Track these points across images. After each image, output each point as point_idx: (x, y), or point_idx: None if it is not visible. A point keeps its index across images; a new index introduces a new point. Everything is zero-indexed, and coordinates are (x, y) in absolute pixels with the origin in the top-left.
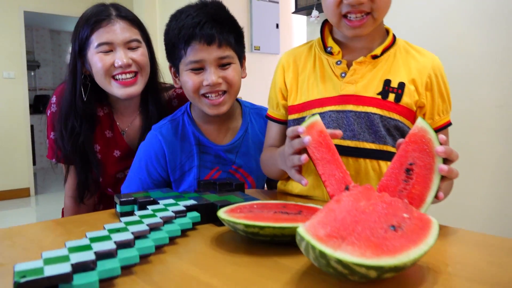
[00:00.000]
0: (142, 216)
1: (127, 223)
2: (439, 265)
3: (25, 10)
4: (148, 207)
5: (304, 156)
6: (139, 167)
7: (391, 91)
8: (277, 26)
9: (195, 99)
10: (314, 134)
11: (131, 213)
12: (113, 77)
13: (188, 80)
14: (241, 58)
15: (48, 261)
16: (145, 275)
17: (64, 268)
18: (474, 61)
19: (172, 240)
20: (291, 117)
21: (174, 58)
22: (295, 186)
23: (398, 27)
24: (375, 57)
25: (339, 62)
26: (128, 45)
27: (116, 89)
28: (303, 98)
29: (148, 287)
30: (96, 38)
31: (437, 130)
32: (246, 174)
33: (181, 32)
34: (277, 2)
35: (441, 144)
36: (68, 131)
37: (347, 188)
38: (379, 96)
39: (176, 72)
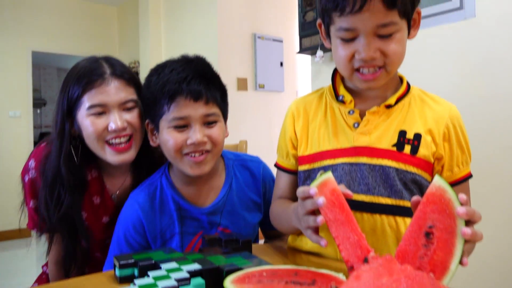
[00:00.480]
0: (141, 287)
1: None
2: None
3: (33, 50)
4: (149, 273)
5: (320, 218)
6: (117, 241)
7: (407, 142)
8: (281, 64)
9: (176, 159)
10: (326, 193)
11: (131, 277)
12: (107, 142)
13: (170, 138)
14: (225, 116)
15: None
16: None
17: None
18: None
19: None
20: (302, 168)
21: (154, 114)
22: (305, 242)
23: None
24: (389, 106)
25: (351, 112)
26: (123, 106)
27: (109, 156)
28: (314, 148)
29: None
30: (88, 99)
31: (458, 183)
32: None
33: (166, 87)
34: (281, 41)
35: (462, 204)
36: (54, 200)
37: (366, 261)
38: (394, 148)
39: (154, 130)
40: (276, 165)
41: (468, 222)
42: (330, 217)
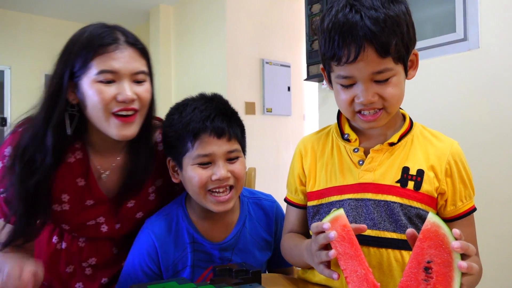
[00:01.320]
0: None
1: None
2: None
3: (46, 74)
4: None
5: (332, 252)
6: (132, 267)
7: (410, 178)
8: (289, 89)
9: (200, 195)
10: (337, 228)
11: None
12: (112, 113)
13: (195, 175)
14: (244, 152)
15: None
16: None
17: None
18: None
19: None
20: (310, 203)
21: (177, 152)
22: (314, 274)
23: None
24: (392, 144)
25: (356, 150)
26: (134, 77)
27: (113, 128)
28: (322, 185)
29: None
30: (98, 64)
31: (462, 216)
32: None
33: (190, 125)
34: (289, 66)
35: (456, 239)
36: (23, 167)
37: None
38: (398, 184)
39: (176, 167)
40: (286, 200)
41: (464, 255)
42: (339, 251)
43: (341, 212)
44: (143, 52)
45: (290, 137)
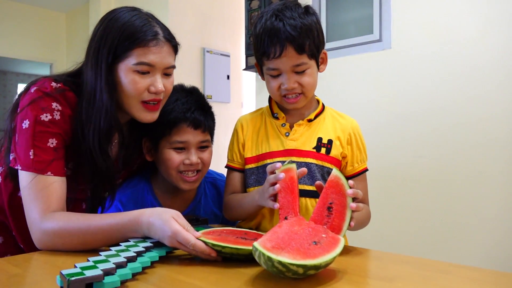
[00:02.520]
0: (118, 251)
1: (107, 256)
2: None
3: None
4: (121, 244)
5: (277, 186)
6: None
7: (323, 146)
8: (228, 77)
9: (171, 175)
10: (286, 177)
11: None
12: (142, 101)
13: (170, 158)
14: (212, 141)
15: (84, 268)
16: (144, 282)
17: (98, 272)
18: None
19: (153, 263)
20: (248, 166)
21: (155, 135)
22: (251, 225)
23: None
24: (310, 120)
25: (283, 125)
26: (166, 71)
27: (140, 112)
28: (257, 151)
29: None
30: (138, 56)
31: (358, 174)
32: None
33: (172, 114)
34: (228, 56)
35: (350, 187)
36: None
37: (286, 218)
38: (314, 150)
39: (151, 147)
40: (227, 167)
41: (355, 199)
42: (282, 195)
43: (293, 166)
44: (175, 49)
45: (229, 123)
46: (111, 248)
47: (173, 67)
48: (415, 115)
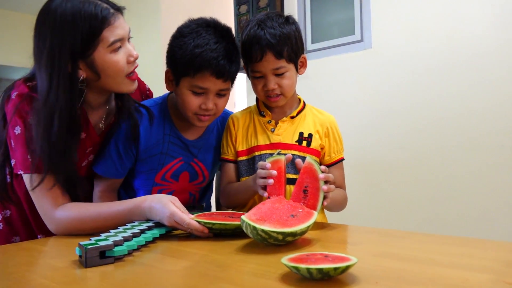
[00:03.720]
0: (125, 229)
1: (116, 232)
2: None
3: None
4: (127, 224)
5: (271, 181)
6: (110, 144)
7: (304, 139)
8: None
9: (187, 115)
10: (275, 167)
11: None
12: (127, 75)
13: (189, 100)
14: (232, 86)
15: (97, 240)
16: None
17: (109, 242)
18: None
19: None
20: (240, 158)
21: (178, 71)
22: (244, 211)
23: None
24: (292, 117)
25: (269, 121)
26: (129, 37)
27: (128, 86)
28: (247, 145)
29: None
30: (109, 36)
31: (335, 163)
32: (204, 168)
33: (198, 58)
34: None
35: (322, 172)
36: (58, 147)
37: (268, 197)
38: (297, 143)
39: (174, 80)
40: (222, 159)
41: (327, 182)
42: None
43: (281, 157)
44: (122, 13)
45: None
46: (119, 227)
47: (129, 31)
48: (396, 111)
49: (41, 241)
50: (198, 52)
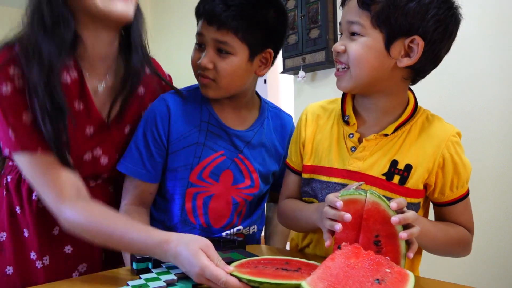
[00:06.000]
0: (158, 274)
1: (147, 280)
2: None
3: None
4: (162, 264)
5: (339, 227)
6: (137, 135)
7: (397, 173)
8: (265, 81)
9: (195, 74)
10: (350, 211)
11: (146, 270)
12: None
13: (192, 55)
14: (255, 52)
15: None
16: None
17: None
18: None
19: None
20: (304, 175)
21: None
22: (303, 243)
23: None
24: (386, 135)
25: (351, 135)
26: None
27: (118, 4)
28: (315, 161)
29: None
30: None
31: (452, 203)
32: (252, 168)
33: (198, 3)
34: None
35: (395, 210)
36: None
37: (339, 247)
38: (384, 177)
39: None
40: (285, 164)
41: (408, 225)
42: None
43: (360, 197)
44: None
45: None
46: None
47: None
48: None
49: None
50: None
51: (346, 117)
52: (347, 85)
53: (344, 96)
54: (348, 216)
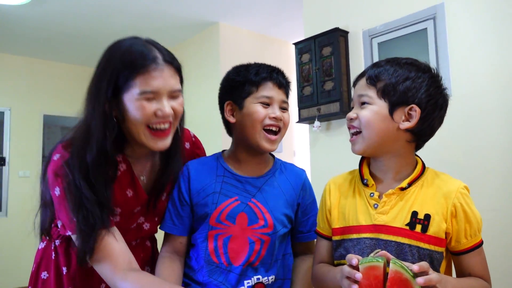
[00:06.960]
0: None
1: None
2: None
3: (45, 114)
4: None
5: (355, 286)
6: (172, 196)
7: (418, 222)
8: None
9: (256, 130)
10: (370, 277)
11: None
12: (148, 126)
13: (257, 110)
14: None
15: None
16: None
17: None
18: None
19: None
20: (334, 238)
21: (240, 94)
22: None
23: None
24: (403, 189)
25: (372, 194)
26: (171, 94)
27: (150, 140)
28: (344, 222)
29: None
30: (141, 84)
31: (468, 251)
32: (264, 210)
33: (260, 70)
34: None
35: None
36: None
37: None
38: (407, 227)
39: (235, 107)
40: (316, 232)
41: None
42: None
43: (379, 264)
44: (178, 70)
45: None
46: None
47: (178, 90)
48: (484, 164)
49: None
50: (256, 70)
51: (365, 180)
52: (360, 147)
53: (360, 163)
54: (359, 275)
